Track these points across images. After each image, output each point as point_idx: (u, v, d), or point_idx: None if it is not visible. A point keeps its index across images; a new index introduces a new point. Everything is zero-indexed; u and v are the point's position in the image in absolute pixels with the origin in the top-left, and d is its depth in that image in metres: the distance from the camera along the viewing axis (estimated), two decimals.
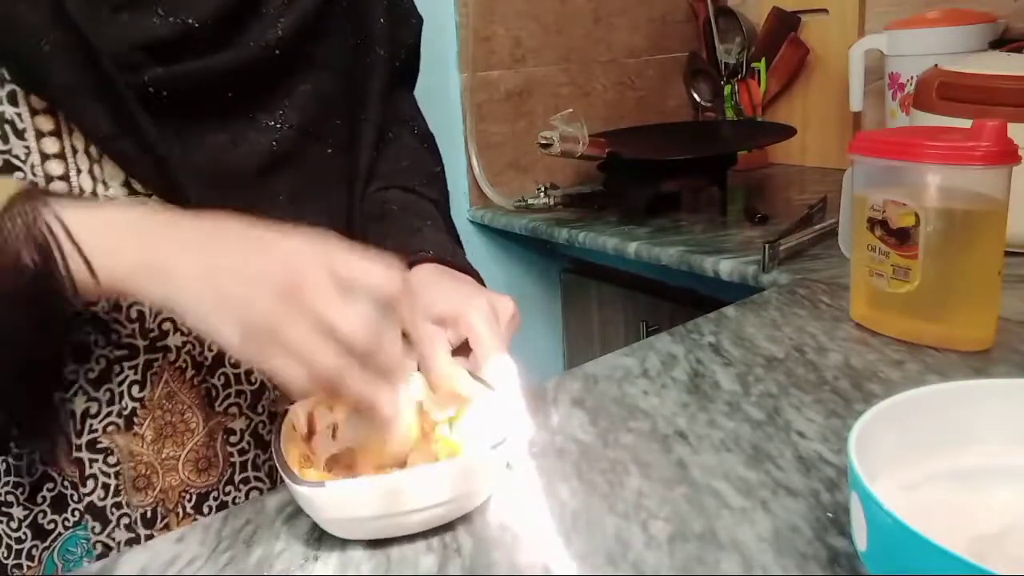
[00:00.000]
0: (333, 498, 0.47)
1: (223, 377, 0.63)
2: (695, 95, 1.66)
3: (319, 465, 0.54)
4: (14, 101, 0.55)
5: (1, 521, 0.59)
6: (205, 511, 0.63)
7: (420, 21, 0.80)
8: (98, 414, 0.59)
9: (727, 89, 1.59)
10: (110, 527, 0.60)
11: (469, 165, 1.43)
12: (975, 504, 0.43)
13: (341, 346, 0.46)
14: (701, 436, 0.58)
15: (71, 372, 0.58)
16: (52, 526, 0.60)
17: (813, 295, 0.85)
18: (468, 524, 0.50)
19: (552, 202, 1.38)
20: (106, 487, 0.60)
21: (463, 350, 0.60)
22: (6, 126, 0.55)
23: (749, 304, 0.84)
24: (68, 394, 0.58)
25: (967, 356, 0.68)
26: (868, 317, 0.76)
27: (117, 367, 0.59)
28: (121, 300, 0.57)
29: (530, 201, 1.39)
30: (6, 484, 0.59)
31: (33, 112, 0.55)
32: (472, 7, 1.38)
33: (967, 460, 0.44)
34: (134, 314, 0.59)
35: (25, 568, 0.60)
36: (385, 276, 0.48)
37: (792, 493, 0.50)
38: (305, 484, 0.47)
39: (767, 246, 0.97)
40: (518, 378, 0.58)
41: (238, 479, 0.65)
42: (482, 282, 0.68)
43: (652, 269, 1.22)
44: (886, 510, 0.35)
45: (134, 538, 0.61)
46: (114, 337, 0.58)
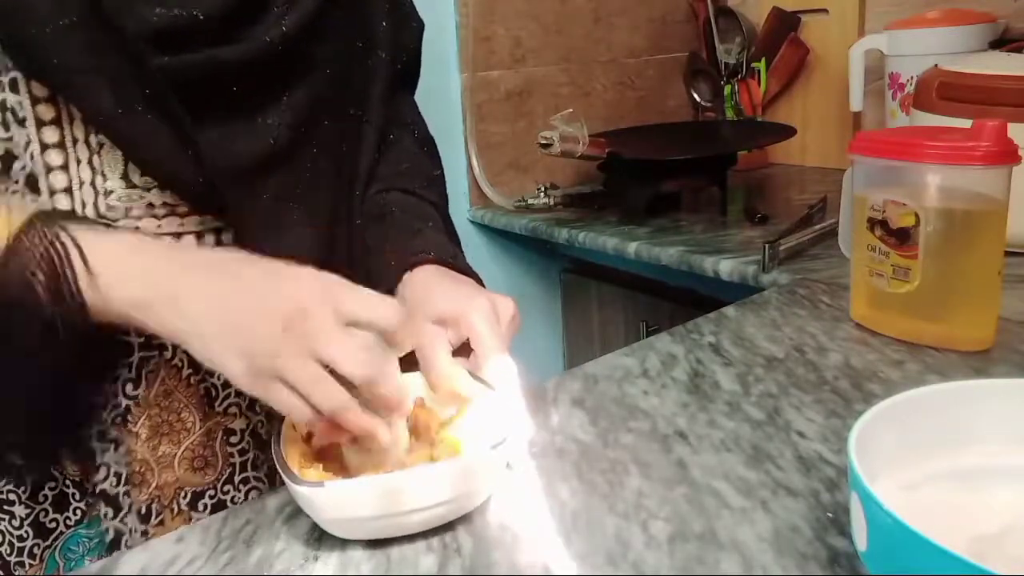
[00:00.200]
0: (332, 498, 0.47)
1: (222, 377, 0.63)
2: (695, 95, 1.66)
3: (312, 455, 0.55)
4: (15, 88, 0.55)
5: (3, 519, 0.60)
6: (200, 509, 0.63)
7: (421, 25, 0.80)
8: (106, 405, 0.59)
9: (727, 89, 1.59)
10: (122, 513, 0.61)
11: (469, 165, 1.43)
12: (975, 504, 0.43)
13: (342, 381, 0.48)
14: (701, 436, 0.58)
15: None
16: (54, 525, 0.61)
17: (813, 295, 0.85)
18: (468, 524, 0.50)
19: (552, 202, 1.38)
20: (117, 475, 0.60)
21: (463, 350, 0.60)
22: (7, 114, 0.55)
23: (749, 304, 0.84)
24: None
25: (967, 356, 0.68)
26: (868, 317, 0.76)
27: (114, 364, 0.59)
28: (129, 328, 0.57)
29: (530, 201, 1.39)
30: (8, 483, 0.60)
31: (35, 101, 0.56)
32: (472, 7, 1.38)
33: (967, 460, 0.44)
34: None
35: (27, 566, 0.60)
36: (386, 310, 0.50)
37: (792, 493, 0.50)
38: (305, 484, 0.47)
39: (767, 246, 0.97)
40: (518, 378, 0.58)
41: (237, 479, 0.65)
42: (482, 284, 0.68)
43: (652, 269, 1.22)
44: (886, 510, 0.35)
45: (140, 528, 0.61)
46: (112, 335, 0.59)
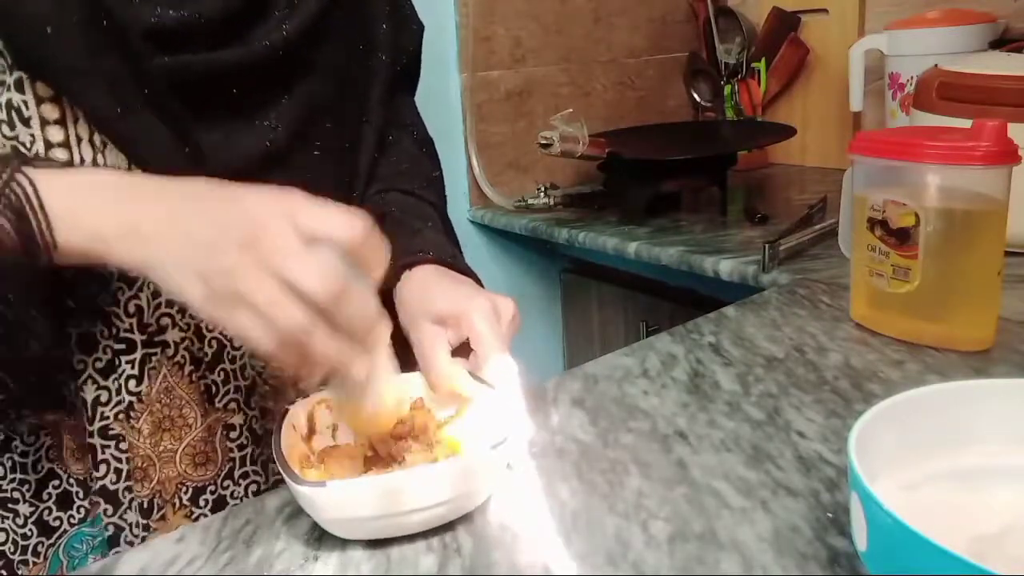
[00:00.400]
0: (334, 498, 0.47)
1: (222, 373, 0.63)
2: (695, 95, 1.66)
3: (315, 458, 0.55)
4: (21, 88, 0.55)
5: (7, 517, 0.60)
6: (201, 504, 0.64)
7: (421, 27, 0.80)
8: (108, 402, 0.60)
9: (727, 89, 1.59)
10: (122, 509, 0.61)
11: (469, 165, 1.43)
12: (975, 504, 0.43)
13: (305, 301, 0.44)
14: (701, 436, 0.58)
15: (79, 362, 0.59)
16: (57, 523, 0.61)
17: (813, 295, 0.85)
18: (468, 524, 0.50)
19: (552, 202, 1.38)
20: (118, 472, 0.61)
21: (463, 350, 0.60)
22: (12, 113, 0.55)
23: (749, 304, 0.84)
24: (78, 382, 0.59)
25: (967, 356, 0.68)
26: (868, 317, 0.76)
27: (116, 360, 0.60)
28: (96, 265, 0.55)
29: (530, 201, 1.39)
30: (12, 481, 0.60)
31: (39, 100, 0.56)
32: (472, 7, 1.38)
33: (967, 460, 0.44)
34: (132, 308, 0.59)
35: (31, 564, 0.61)
36: (345, 223, 0.47)
37: (792, 493, 0.50)
38: (306, 484, 0.47)
39: (767, 246, 0.97)
40: (519, 378, 0.58)
41: (237, 474, 0.65)
42: (481, 284, 0.68)
43: (652, 269, 1.22)
44: (886, 510, 0.35)
45: (142, 522, 0.62)
46: (114, 330, 0.59)
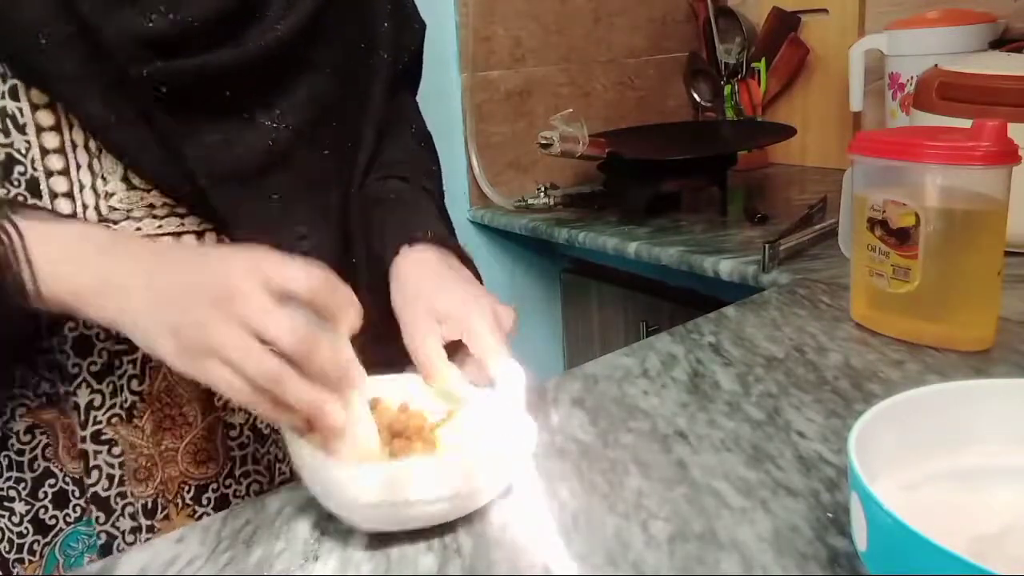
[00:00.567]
0: (378, 479, 0.44)
1: None
2: (695, 95, 1.66)
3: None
4: (15, 96, 0.56)
5: (3, 516, 0.60)
6: (204, 502, 0.64)
7: (423, 26, 0.80)
8: (102, 406, 0.60)
9: (727, 89, 1.59)
10: (114, 516, 0.61)
11: (469, 165, 1.43)
12: (975, 504, 0.43)
13: (274, 351, 0.46)
14: (701, 436, 0.58)
15: (74, 366, 0.58)
16: (53, 522, 0.61)
17: (813, 295, 0.85)
18: (468, 524, 0.50)
19: (552, 202, 1.38)
20: (110, 478, 0.60)
21: (453, 348, 0.60)
22: (7, 120, 0.55)
23: (749, 304, 0.84)
24: (71, 387, 0.59)
25: (967, 356, 0.68)
26: (868, 317, 0.76)
27: (117, 361, 0.60)
28: (74, 318, 0.56)
29: (530, 201, 1.39)
30: (8, 479, 0.60)
31: (34, 107, 0.56)
32: (472, 7, 1.38)
33: (967, 460, 0.44)
34: None
35: (26, 562, 0.61)
36: (305, 274, 0.48)
37: (792, 493, 0.50)
38: (343, 466, 0.45)
39: (767, 246, 0.97)
40: (525, 381, 0.58)
41: (238, 472, 0.65)
42: (477, 271, 0.68)
43: (652, 269, 1.22)
44: (886, 510, 0.35)
45: (137, 527, 0.61)
46: (112, 332, 0.59)
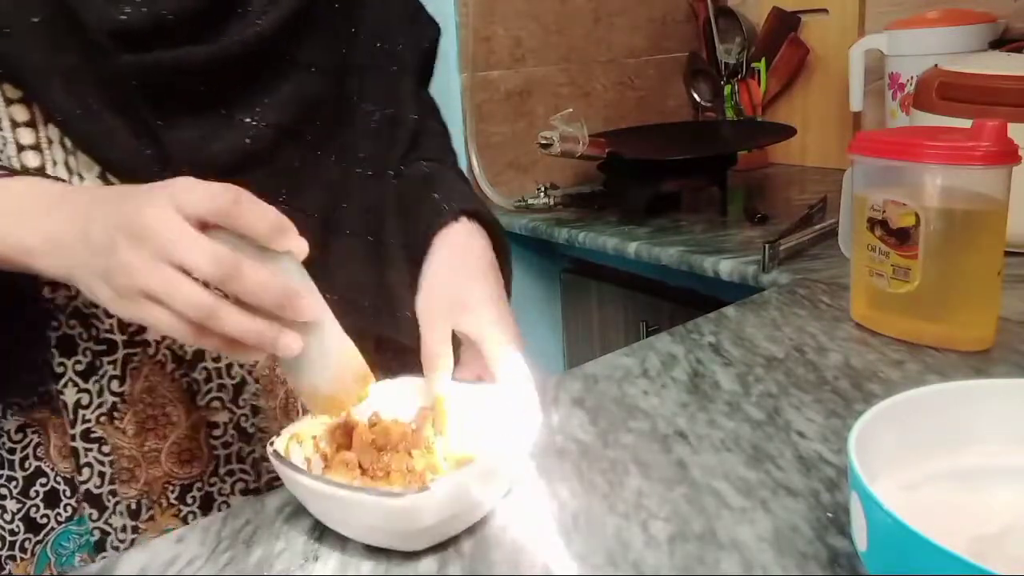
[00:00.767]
0: (439, 498, 0.44)
1: (204, 371, 0.63)
2: (695, 95, 1.66)
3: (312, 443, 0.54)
4: None
5: None
6: (189, 502, 0.64)
7: (438, 27, 0.81)
8: (89, 404, 0.60)
9: (727, 89, 1.59)
10: (107, 513, 0.61)
11: (469, 165, 1.43)
12: (975, 504, 0.43)
13: (200, 281, 0.44)
14: (701, 436, 0.58)
15: (59, 364, 0.58)
16: (45, 520, 0.61)
17: (813, 295, 0.85)
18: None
19: (552, 202, 1.38)
20: (101, 475, 0.60)
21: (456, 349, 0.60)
22: None
23: (749, 304, 0.84)
24: (59, 385, 0.59)
25: (967, 356, 0.68)
26: (868, 317, 0.75)
27: (98, 361, 0.59)
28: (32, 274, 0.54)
29: (530, 201, 1.39)
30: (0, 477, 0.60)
31: (8, 102, 0.55)
32: (472, 7, 1.38)
33: (967, 460, 0.44)
34: None
35: (18, 560, 0.61)
36: (210, 193, 0.45)
37: (792, 493, 0.50)
38: (409, 493, 0.44)
39: (767, 246, 0.97)
40: (530, 376, 0.57)
41: (223, 471, 0.65)
42: (502, 235, 0.70)
43: (652, 269, 1.22)
44: (886, 510, 0.35)
45: (130, 524, 0.62)
46: (94, 332, 0.59)
